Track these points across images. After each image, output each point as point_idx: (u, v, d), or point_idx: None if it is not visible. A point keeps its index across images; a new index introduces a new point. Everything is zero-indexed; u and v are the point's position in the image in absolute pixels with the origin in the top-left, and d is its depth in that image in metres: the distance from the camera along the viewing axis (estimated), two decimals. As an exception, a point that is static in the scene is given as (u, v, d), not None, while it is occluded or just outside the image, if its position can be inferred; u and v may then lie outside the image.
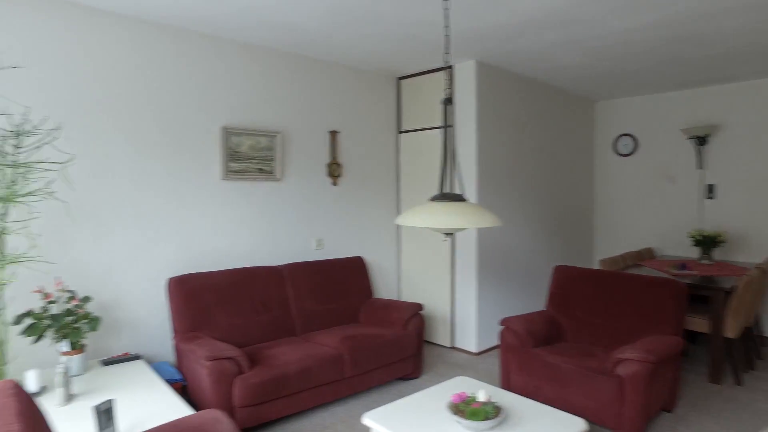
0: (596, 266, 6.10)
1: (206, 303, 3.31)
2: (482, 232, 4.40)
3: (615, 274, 3.57)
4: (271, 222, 4.00)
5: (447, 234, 2.49)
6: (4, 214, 2.38)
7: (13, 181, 2.41)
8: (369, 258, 4.72)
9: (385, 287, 4.89)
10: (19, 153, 2.58)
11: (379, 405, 3.34)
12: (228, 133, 3.67)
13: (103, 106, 3.13)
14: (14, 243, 2.74)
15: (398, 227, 4.98)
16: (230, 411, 2.77)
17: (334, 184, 4.42)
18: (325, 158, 4.35)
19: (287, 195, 4.09)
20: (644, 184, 5.85)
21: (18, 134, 2.59)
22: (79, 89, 3.03)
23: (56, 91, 2.94)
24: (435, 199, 2.43)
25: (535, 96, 5.10)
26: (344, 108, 4.50)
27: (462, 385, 2.73)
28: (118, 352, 3.23)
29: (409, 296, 4.94)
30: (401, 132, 4.93)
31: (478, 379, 3.85)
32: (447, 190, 2.60)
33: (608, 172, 6.17)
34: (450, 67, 4.46)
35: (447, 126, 2.57)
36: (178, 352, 3.17)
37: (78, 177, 3.04)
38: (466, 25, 3.41)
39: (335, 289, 4.03)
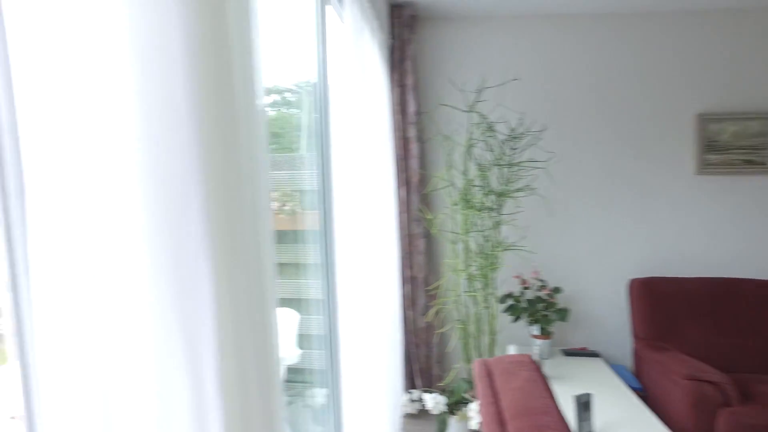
0: None
1: (674, 312, 2.97)
2: None
3: None
4: (761, 225, 3.24)
5: None
6: (500, 208, 2.76)
7: (508, 179, 2.77)
8: None
9: None
10: (513, 154, 2.97)
11: None
12: (704, 120, 3.17)
13: (577, 104, 3.25)
14: (504, 233, 3.20)
15: None
16: (710, 445, 2.37)
17: None
18: None
19: (784, 192, 3.23)
20: None
21: (513, 138, 2.98)
22: (557, 91, 3.25)
23: (540, 96, 3.26)
24: None
25: None
26: None
27: None
28: (574, 344, 3.32)
29: None
30: None
31: None
32: None
33: None
34: None
35: None
36: (639, 359, 2.97)
37: (555, 174, 3.27)
38: None
39: None
